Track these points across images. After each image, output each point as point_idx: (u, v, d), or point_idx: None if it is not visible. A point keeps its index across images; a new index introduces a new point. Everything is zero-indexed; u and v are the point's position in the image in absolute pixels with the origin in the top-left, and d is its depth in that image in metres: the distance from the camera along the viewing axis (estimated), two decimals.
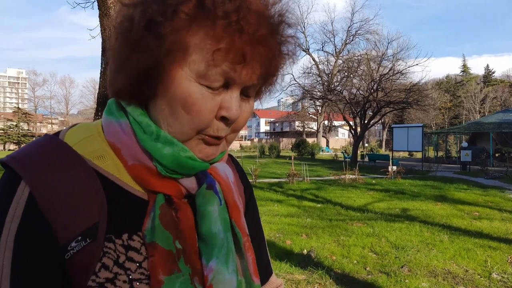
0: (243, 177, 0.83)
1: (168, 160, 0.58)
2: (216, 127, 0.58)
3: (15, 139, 57.82)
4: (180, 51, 0.54)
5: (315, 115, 53.78)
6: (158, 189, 0.59)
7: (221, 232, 0.61)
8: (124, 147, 0.59)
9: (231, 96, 0.57)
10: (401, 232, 6.27)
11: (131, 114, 0.60)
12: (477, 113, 65.30)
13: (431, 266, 4.67)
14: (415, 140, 21.82)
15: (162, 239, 0.57)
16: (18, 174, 0.52)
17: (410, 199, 9.85)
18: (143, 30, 0.54)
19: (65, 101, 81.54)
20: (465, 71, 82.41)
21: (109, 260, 0.55)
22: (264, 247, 0.84)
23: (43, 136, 0.60)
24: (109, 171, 0.59)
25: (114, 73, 0.59)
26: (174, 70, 0.55)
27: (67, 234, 0.52)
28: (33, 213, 0.51)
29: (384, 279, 4.19)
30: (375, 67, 29.74)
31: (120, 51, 0.57)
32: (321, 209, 8.42)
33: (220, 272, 0.59)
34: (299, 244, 5.50)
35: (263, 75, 0.58)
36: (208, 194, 0.62)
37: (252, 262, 0.66)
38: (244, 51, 0.53)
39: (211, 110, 0.56)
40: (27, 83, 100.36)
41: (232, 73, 0.55)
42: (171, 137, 0.58)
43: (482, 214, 7.94)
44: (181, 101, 0.55)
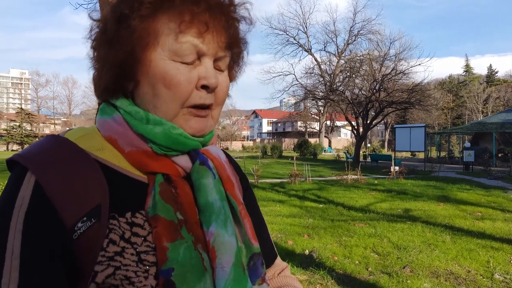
0: (238, 169, 0.88)
1: (160, 138, 0.63)
2: (199, 96, 0.64)
3: (18, 140, 58.02)
4: (151, 36, 0.61)
5: (317, 115, 53.75)
6: (156, 170, 0.64)
7: (218, 201, 0.66)
8: (120, 137, 0.65)
9: (206, 67, 0.64)
10: (403, 233, 6.26)
11: (121, 107, 0.66)
12: (480, 113, 65.08)
13: (433, 266, 4.66)
14: (418, 140, 21.78)
15: (163, 211, 0.61)
16: (25, 167, 0.57)
17: (413, 200, 9.83)
18: (115, 25, 0.62)
19: (67, 102, 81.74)
20: (468, 71, 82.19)
21: (115, 235, 0.58)
22: (266, 232, 0.87)
23: (46, 136, 0.66)
24: (109, 160, 0.64)
25: (98, 76, 0.66)
26: (149, 53, 0.62)
27: (72, 216, 0.56)
28: (39, 198, 0.55)
29: (386, 280, 4.19)
30: (378, 67, 29.66)
31: (100, 51, 0.65)
32: (323, 210, 8.42)
33: (220, 235, 0.63)
34: (301, 244, 5.50)
35: (228, 42, 0.65)
36: (202, 169, 0.67)
37: (250, 227, 0.70)
38: (205, 19, 0.61)
39: (189, 81, 0.62)
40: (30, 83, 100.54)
41: (200, 43, 0.62)
42: (159, 118, 0.64)
43: (484, 214, 7.91)
44: (160, 79, 0.62)
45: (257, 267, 0.69)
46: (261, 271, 0.70)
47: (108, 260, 0.57)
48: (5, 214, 0.54)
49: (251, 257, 0.69)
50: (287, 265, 0.91)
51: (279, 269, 0.88)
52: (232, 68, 0.73)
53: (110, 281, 0.56)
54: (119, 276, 0.56)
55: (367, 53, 31.99)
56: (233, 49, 0.68)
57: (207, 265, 0.62)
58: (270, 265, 0.86)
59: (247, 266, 0.67)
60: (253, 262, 0.69)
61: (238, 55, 0.72)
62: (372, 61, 29.81)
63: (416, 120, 50.62)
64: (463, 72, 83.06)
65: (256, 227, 0.80)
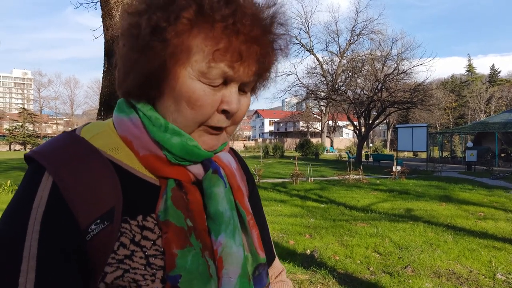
0: (246, 169, 0.89)
1: (177, 149, 0.64)
2: (217, 119, 0.64)
3: (21, 140, 58.23)
4: (183, 53, 0.60)
5: (319, 115, 53.69)
6: (168, 175, 0.65)
7: (228, 211, 0.67)
8: (135, 139, 0.65)
9: (230, 91, 0.63)
10: (405, 233, 6.24)
11: (141, 110, 0.66)
12: (483, 113, 64.92)
13: (435, 266, 4.65)
14: (420, 140, 21.72)
15: (174, 217, 0.62)
16: (42, 166, 0.58)
17: (415, 199, 9.81)
18: (149, 35, 0.60)
19: (70, 102, 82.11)
20: (471, 71, 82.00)
21: (126, 239, 0.60)
22: (267, 233, 0.88)
23: (62, 133, 0.67)
24: (122, 161, 0.64)
25: (124, 75, 0.66)
26: (178, 70, 0.61)
27: (86, 218, 0.57)
28: (56, 199, 0.56)
29: (387, 279, 4.18)
30: (380, 67, 29.65)
31: (128, 55, 0.63)
32: (325, 209, 8.41)
33: (228, 245, 0.64)
34: (302, 244, 5.49)
35: (258, 71, 0.65)
36: (214, 178, 0.68)
37: (257, 238, 0.71)
38: (240, 50, 0.60)
39: (212, 105, 0.63)
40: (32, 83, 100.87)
41: (230, 71, 0.61)
42: (178, 128, 0.64)
43: (487, 214, 7.89)
44: (185, 98, 0.62)
45: (262, 277, 0.70)
46: (265, 281, 0.71)
47: (118, 263, 0.58)
48: (23, 214, 0.55)
49: (256, 267, 0.70)
50: (283, 268, 0.92)
51: (276, 272, 0.89)
52: (255, 89, 0.73)
53: (118, 282, 0.58)
54: (127, 278, 0.58)
55: (369, 53, 31.96)
56: (262, 76, 0.69)
57: (213, 273, 0.63)
58: (268, 266, 0.86)
59: (252, 275, 0.68)
60: (258, 272, 0.70)
61: (266, 78, 0.73)
62: (374, 61, 29.78)
63: (418, 120, 50.53)
64: (465, 72, 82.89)
65: (258, 226, 0.81)
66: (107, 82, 3.34)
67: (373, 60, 29.92)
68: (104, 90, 3.42)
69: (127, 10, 0.64)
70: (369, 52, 32.40)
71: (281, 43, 0.67)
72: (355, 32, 38.18)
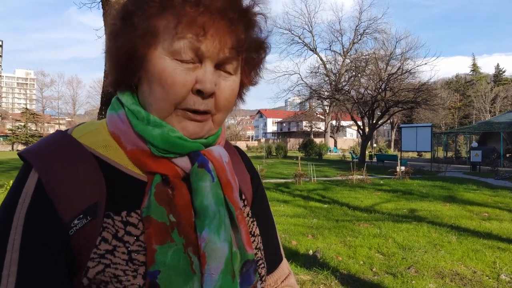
0: (250, 167, 0.87)
1: (158, 140, 0.63)
2: (193, 101, 0.63)
3: (23, 140, 58.47)
4: (152, 34, 0.62)
5: (322, 115, 53.62)
6: (154, 170, 0.65)
7: (213, 205, 0.65)
8: (122, 134, 0.66)
9: (204, 70, 0.62)
10: (409, 233, 6.20)
11: (125, 104, 0.67)
12: (488, 113, 64.61)
13: (439, 267, 4.61)
14: (424, 140, 21.67)
15: (156, 213, 0.61)
16: (31, 163, 0.60)
17: (418, 200, 9.76)
18: (120, 21, 0.64)
19: (72, 102, 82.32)
20: (475, 70, 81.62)
21: (108, 234, 0.60)
22: (273, 232, 0.86)
23: (55, 131, 0.68)
24: (111, 158, 0.65)
25: (108, 67, 0.68)
26: (150, 51, 0.62)
27: (69, 212, 0.58)
28: (40, 195, 0.58)
29: (390, 280, 4.14)
30: (383, 66, 29.56)
31: (107, 47, 0.67)
32: (328, 210, 8.38)
33: (211, 241, 0.63)
34: (305, 244, 5.47)
35: (234, 48, 0.63)
36: (200, 172, 0.66)
37: (246, 233, 0.69)
38: (203, 22, 0.60)
39: (184, 83, 0.62)
40: (35, 83, 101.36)
41: (197, 44, 0.61)
42: (159, 120, 0.64)
43: (491, 215, 7.83)
44: (157, 77, 0.62)
45: (249, 274, 0.68)
46: (252, 278, 0.68)
47: (99, 258, 0.58)
48: (10, 209, 0.58)
49: (244, 264, 0.68)
50: (290, 271, 0.88)
51: (282, 276, 0.85)
52: (247, 73, 0.72)
53: (100, 277, 0.58)
54: (108, 273, 0.58)
55: (373, 52, 31.88)
56: (244, 53, 0.66)
57: (197, 269, 0.62)
58: (274, 269, 0.84)
59: (239, 272, 0.66)
60: (246, 269, 0.68)
61: (257, 60, 0.71)
62: (378, 60, 29.70)
63: (423, 120, 50.34)
64: (470, 72, 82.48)
65: (263, 227, 0.81)
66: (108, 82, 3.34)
67: (377, 59, 29.83)
68: (105, 90, 3.41)
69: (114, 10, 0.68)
70: (372, 52, 32.32)
71: (255, 18, 0.67)
72: (359, 31, 38.11)
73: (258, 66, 0.73)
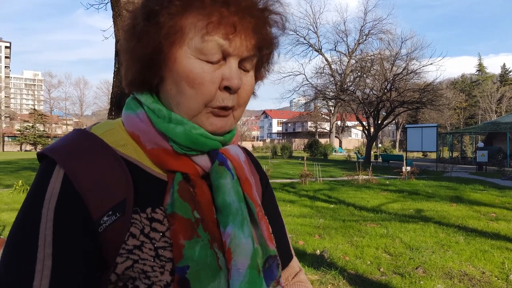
0: (259, 168, 0.88)
1: (181, 138, 0.64)
2: (221, 98, 0.64)
3: (31, 140, 58.88)
4: (177, 33, 0.62)
5: (327, 115, 53.52)
6: (175, 168, 0.65)
7: (235, 202, 0.66)
8: (142, 133, 0.66)
9: (230, 67, 0.63)
10: (416, 233, 6.18)
11: (145, 104, 0.67)
12: (494, 113, 64.14)
13: (447, 267, 4.59)
14: (430, 141, 21.56)
15: (181, 209, 0.61)
16: (53, 160, 0.60)
17: (425, 200, 9.73)
18: (144, 21, 0.63)
19: (79, 102, 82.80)
20: (481, 70, 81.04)
21: (136, 229, 0.60)
22: (283, 231, 0.87)
23: (73, 130, 0.68)
24: (131, 156, 0.65)
25: (126, 68, 0.68)
26: (175, 51, 0.62)
27: (99, 209, 0.58)
28: (68, 190, 0.57)
29: (398, 280, 4.14)
30: (389, 66, 29.44)
31: (128, 46, 0.66)
32: (334, 210, 8.37)
33: (236, 236, 0.63)
34: (312, 244, 5.47)
35: (257, 46, 0.65)
36: (220, 170, 0.67)
37: (266, 229, 0.70)
38: (233, 21, 0.61)
39: (212, 82, 0.62)
40: (43, 85, 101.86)
41: (226, 44, 0.61)
42: (181, 117, 0.65)
43: (499, 215, 7.79)
44: (184, 77, 0.62)
45: (272, 269, 0.68)
46: (276, 273, 0.69)
47: (128, 253, 0.58)
48: (37, 204, 0.57)
49: (266, 259, 0.68)
50: (301, 268, 0.89)
51: (293, 273, 0.86)
52: (260, 68, 0.73)
53: (129, 273, 0.58)
54: (137, 269, 0.58)
55: (378, 53, 31.78)
56: (262, 50, 0.68)
57: (222, 264, 0.62)
58: (285, 266, 0.85)
59: (262, 268, 0.66)
60: (268, 264, 0.68)
61: (268, 56, 0.72)
62: (383, 61, 29.59)
63: (428, 120, 50.09)
64: (476, 72, 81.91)
65: (273, 226, 0.80)
66: (117, 82, 3.35)
67: (382, 59, 29.72)
68: (114, 90, 3.43)
69: (128, 9, 0.67)
70: (378, 52, 32.24)
71: (276, 17, 0.68)
72: (364, 31, 38.06)
73: (268, 61, 0.74)
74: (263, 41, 0.66)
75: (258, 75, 0.73)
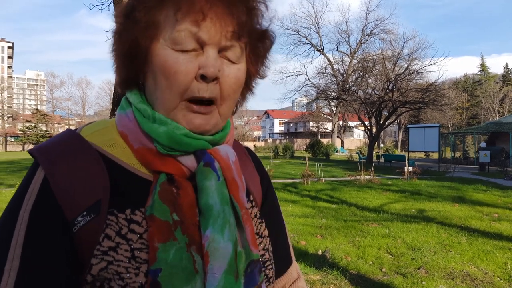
0: (260, 167, 0.86)
1: (163, 138, 0.63)
2: (197, 88, 0.62)
3: (34, 140, 59.00)
4: (153, 27, 0.62)
5: (329, 115, 53.46)
6: (160, 169, 0.64)
7: (217, 204, 0.64)
8: (130, 133, 0.66)
9: (207, 55, 0.62)
10: (418, 233, 6.18)
11: (133, 103, 0.67)
12: (496, 113, 63.96)
13: (449, 268, 4.59)
14: (432, 141, 21.50)
15: (159, 211, 0.61)
16: (38, 161, 0.62)
17: (427, 200, 9.71)
18: (124, 18, 0.64)
19: (81, 103, 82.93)
20: (483, 70, 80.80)
21: (111, 231, 0.60)
22: (284, 235, 0.85)
23: (65, 130, 0.70)
24: (118, 156, 0.66)
25: (115, 67, 0.69)
26: (152, 44, 0.62)
27: (73, 210, 0.59)
28: (46, 192, 0.59)
29: (400, 281, 4.14)
30: (391, 66, 29.39)
31: (113, 45, 0.67)
32: (336, 210, 8.36)
33: (215, 240, 0.62)
34: (314, 244, 5.47)
35: (236, 34, 0.63)
36: (205, 171, 0.65)
37: (251, 233, 0.68)
38: (202, 8, 0.59)
39: (187, 71, 0.61)
40: (45, 85, 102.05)
41: (198, 31, 0.60)
42: (165, 117, 0.64)
43: (501, 215, 7.77)
44: (160, 68, 0.62)
45: (254, 274, 0.66)
46: (257, 279, 0.67)
47: (102, 254, 0.59)
48: (17, 205, 0.59)
49: (248, 264, 0.66)
50: (300, 275, 0.87)
51: (291, 280, 0.84)
52: (253, 63, 0.70)
53: (103, 274, 0.58)
54: (111, 270, 0.58)
55: (380, 53, 31.73)
56: (246, 39, 0.65)
57: (199, 268, 0.61)
58: (283, 273, 0.83)
59: (244, 272, 0.65)
60: (250, 269, 0.66)
61: (258, 49, 0.70)
62: (385, 61, 29.55)
63: (430, 120, 50.00)
64: (478, 72, 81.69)
65: (273, 229, 0.79)
66: None
67: (384, 59, 29.68)
68: (116, 90, 3.44)
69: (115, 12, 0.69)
70: (380, 52, 32.18)
71: (255, 4, 0.66)
72: (366, 31, 38.01)
73: (264, 56, 0.72)
74: (243, 29, 0.63)
75: (253, 69, 0.71)
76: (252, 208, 0.76)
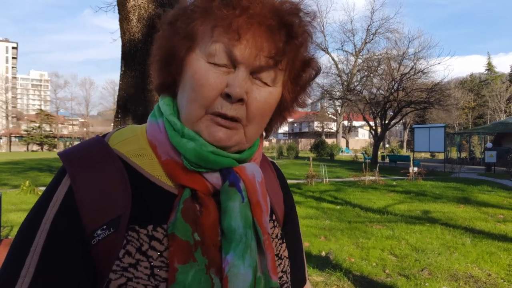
0: (284, 186, 0.85)
1: (191, 154, 0.62)
2: (220, 104, 0.62)
3: (38, 140, 59.45)
4: (191, 37, 0.63)
5: (334, 115, 53.37)
6: (185, 183, 0.64)
7: (241, 228, 0.63)
8: (159, 144, 0.66)
9: (236, 74, 0.61)
10: (422, 235, 6.16)
11: (164, 114, 0.67)
12: (503, 113, 63.48)
13: (453, 269, 4.57)
14: (437, 141, 21.39)
15: (181, 230, 0.60)
16: (65, 168, 0.63)
17: (432, 201, 9.68)
18: (168, 25, 0.66)
19: (85, 103, 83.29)
20: (490, 69, 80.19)
21: (132, 247, 0.60)
22: (301, 254, 0.85)
23: (95, 136, 0.70)
24: (144, 168, 0.65)
25: (152, 71, 0.71)
26: (188, 55, 0.64)
27: (93, 223, 0.59)
28: (69, 202, 0.60)
29: (403, 282, 4.13)
30: (396, 66, 29.28)
31: (154, 49, 0.69)
32: (340, 211, 8.36)
33: (235, 266, 0.61)
34: (318, 246, 5.47)
35: (270, 57, 0.61)
36: (230, 191, 0.64)
37: (271, 260, 0.67)
38: (238, 28, 0.59)
39: (214, 86, 0.61)
40: (49, 85, 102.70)
41: (232, 49, 0.60)
42: (194, 133, 0.63)
43: (507, 216, 7.73)
44: (190, 79, 0.63)
45: None
46: None
47: (122, 271, 0.59)
48: (41, 211, 0.60)
49: None
50: None
51: None
52: (290, 90, 0.68)
53: None
54: (130, 287, 0.58)
55: (385, 52, 31.64)
56: (282, 64, 0.64)
57: None
58: None
59: None
60: None
61: (300, 78, 0.68)
62: (391, 60, 29.44)
63: (436, 120, 49.73)
64: (485, 71, 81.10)
65: (291, 249, 0.80)
66: (123, 85, 3.37)
67: (389, 59, 29.58)
68: (121, 93, 3.46)
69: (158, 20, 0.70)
70: (385, 51, 32.09)
71: (299, 31, 0.63)
72: (371, 31, 37.90)
73: (304, 85, 0.70)
74: (280, 55, 0.62)
75: (288, 96, 0.68)
76: (274, 228, 0.76)
